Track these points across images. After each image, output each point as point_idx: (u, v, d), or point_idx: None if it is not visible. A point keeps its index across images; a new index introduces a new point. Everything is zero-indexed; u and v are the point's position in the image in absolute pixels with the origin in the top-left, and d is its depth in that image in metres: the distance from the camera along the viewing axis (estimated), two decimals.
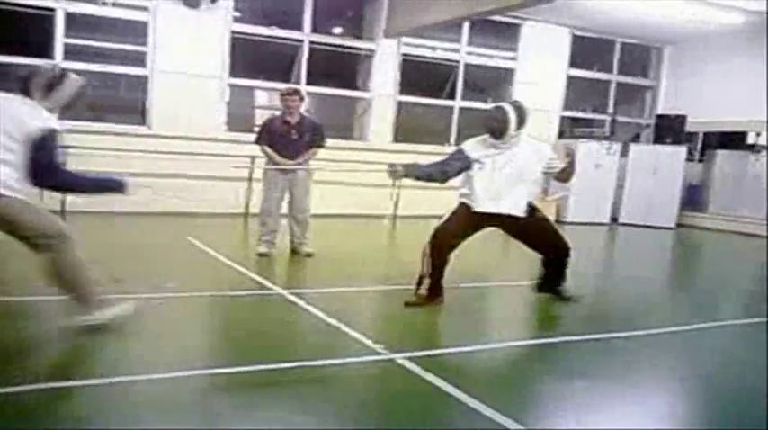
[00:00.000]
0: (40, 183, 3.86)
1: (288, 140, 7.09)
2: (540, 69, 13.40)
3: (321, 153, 7.36)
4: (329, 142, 7.50)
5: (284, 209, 7.36)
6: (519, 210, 5.22)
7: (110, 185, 4.22)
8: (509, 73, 13.41)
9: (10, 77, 10.18)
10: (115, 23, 10.48)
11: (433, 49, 12.78)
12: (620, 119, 14.42)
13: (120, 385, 3.31)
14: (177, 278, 5.89)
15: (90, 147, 9.46)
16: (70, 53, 10.03)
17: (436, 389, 3.46)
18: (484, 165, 5.21)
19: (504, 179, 5.17)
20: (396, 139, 12.05)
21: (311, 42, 11.58)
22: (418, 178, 5.47)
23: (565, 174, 5.38)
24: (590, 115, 14.59)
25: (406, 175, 5.35)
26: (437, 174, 5.36)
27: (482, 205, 5.21)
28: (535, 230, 5.40)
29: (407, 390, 3.52)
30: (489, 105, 5.44)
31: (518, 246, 5.66)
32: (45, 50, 9.89)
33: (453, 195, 5.53)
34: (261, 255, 7.10)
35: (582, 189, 12.39)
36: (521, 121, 5.14)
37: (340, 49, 12.10)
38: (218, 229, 9.28)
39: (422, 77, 12.59)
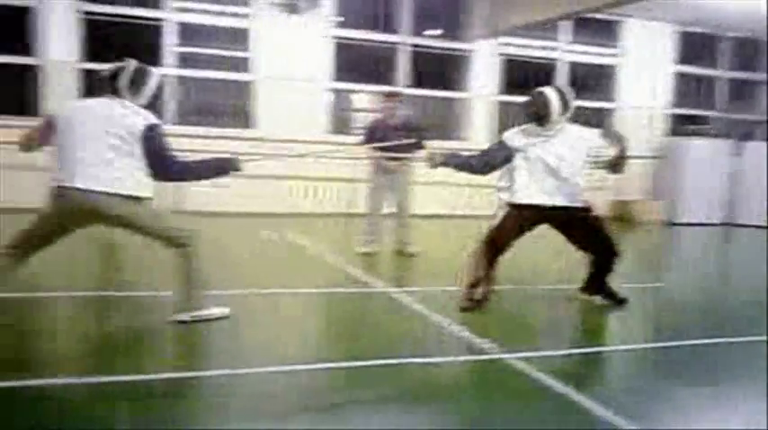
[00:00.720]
0: (159, 177, 4.00)
1: (389, 142, 7.13)
2: (644, 66, 12.98)
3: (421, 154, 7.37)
4: (429, 143, 7.50)
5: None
6: (569, 202, 4.90)
7: (224, 166, 4.28)
8: (612, 70, 13.06)
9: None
10: (221, 31, 10.86)
11: (533, 48, 12.59)
12: (731, 116, 13.78)
13: (238, 377, 3.40)
14: (285, 276, 6.05)
15: (198, 151, 9.83)
16: (179, 61, 10.47)
17: (551, 390, 3.39)
18: (528, 154, 4.88)
19: (550, 168, 4.84)
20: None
21: (410, 45, 11.65)
22: (457, 168, 5.16)
23: (617, 164, 4.95)
24: (699, 112, 13.99)
25: (445, 164, 5.05)
26: (478, 166, 5.07)
27: (527, 197, 4.89)
28: (587, 228, 5.06)
29: (520, 390, 3.45)
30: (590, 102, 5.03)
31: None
32: (155, 59, 10.35)
33: None
34: (364, 254, 7.19)
35: (693, 189, 11.92)
36: (565, 106, 4.80)
37: (438, 51, 12.10)
38: (322, 229, 9.43)
39: (522, 77, 12.41)
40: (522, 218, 4.96)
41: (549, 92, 4.83)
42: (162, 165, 3.95)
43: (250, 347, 3.97)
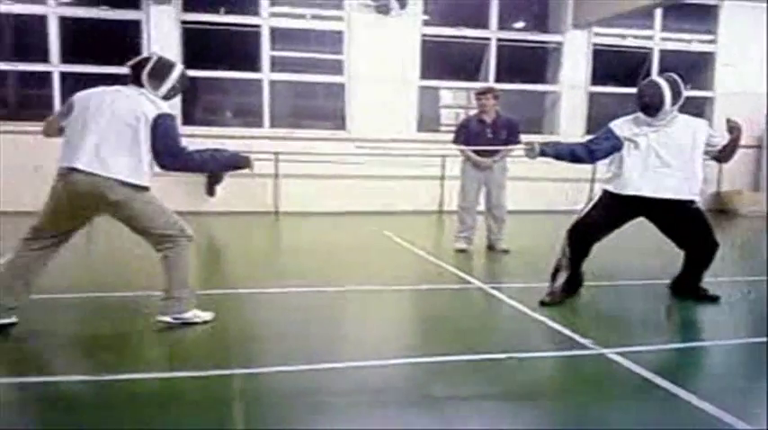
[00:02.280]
0: (165, 166, 4.01)
1: (483, 139, 7.18)
2: (743, 51, 12.48)
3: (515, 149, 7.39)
4: (522, 137, 7.52)
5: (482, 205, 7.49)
6: (681, 194, 4.74)
7: (233, 161, 4.31)
8: (709, 57, 12.63)
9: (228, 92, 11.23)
10: (314, 35, 11.17)
11: (625, 37, 12.33)
12: None
13: (336, 370, 3.57)
14: (382, 272, 6.24)
15: (294, 152, 10.22)
16: (275, 65, 10.84)
17: (655, 386, 3.38)
18: (638, 144, 4.75)
19: (662, 159, 4.71)
20: (588, 131, 11.77)
21: (498, 39, 11.63)
22: (559, 157, 5.03)
23: (726, 153, 4.85)
24: None
25: (544, 154, 4.92)
26: (583, 154, 4.94)
27: (635, 188, 4.74)
28: (689, 223, 4.88)
29: (625, 386, 3.46)
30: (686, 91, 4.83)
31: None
32: (253, 63, 10.75)
33: None
34: (459, 250, 7.27)
35: None
36: (676, 96, 4.68)
37: (527, 44, 12.03)
38: (415, 227, 9.58)
39: (614, 67, 12.19)
40: (622, 210, 4.87)
41: (660, 81, 4.75)
42: (170, 154, 3.95)
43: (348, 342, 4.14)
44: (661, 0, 9.86)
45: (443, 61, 11.71)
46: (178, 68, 4.16)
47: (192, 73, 10.26)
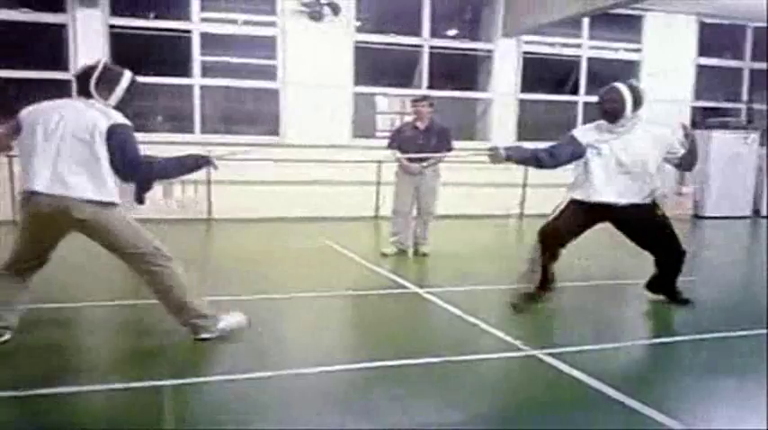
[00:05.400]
0: (127, 178, 3.90)
1: (415, 145, 7.27)
2: (666, 60, 12.92)
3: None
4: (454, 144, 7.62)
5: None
6: (640, 199, 4.85)
7: (195, 163, 4.23)
8: (635, 65, 13.03)
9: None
10: (246, 40, 11.06)
11: (554, 45, 12.62)
12: (757, 106, 13.68)
13: (276, 378, 3.55)
14: (319, 278, 6.21)
15: (226, 158, 10.06)
16: (206, 70, 10.69)
17: (584, 385, 3.47)
18: (600, 150, 4.82)
19: (623, 166, 4.79)
20: (519, 137, 11.96)
21: (431, 47, 11.74)
22: (523, 162, 5.11)
23: (687, 161, 4.94)
24: (723, 104, 13.91)
25: (509, 159, 4.95)
26: (546, 159, 4.95)
27: (600, 195, 4.82)
28: (651, 228, 5.00)
29: (555, 385, 3.55)
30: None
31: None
32: (184, 69, 10.57)
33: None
34: (384, 254, 7.37)
35: (719, 181, 11.87)
36: (637, 103, 4.76)
37: (459, 52, 12.19)
38: (351, 232, 9.58)
39: (543, 74, 12.46)
40: (589, 216, 4.94)
41: (621, 88, 4.81)
42: (128, 165, 3.81)
43: (284, 351, 4.11)
44: (587, 10, 10.08)
45: (377, 68, 11.75)
46: (127, 75, 4.03)
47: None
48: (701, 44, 13.15)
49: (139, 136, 9.70)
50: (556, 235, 4.93)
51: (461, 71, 12.56)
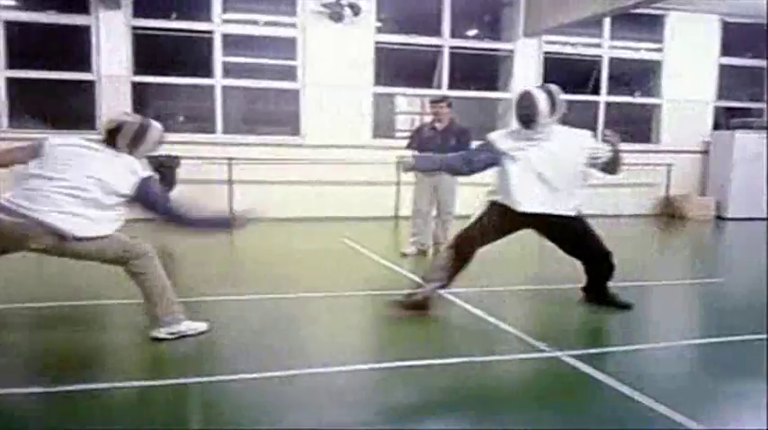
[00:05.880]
0: (163, 220, 4.16)
1: (434, 145, 7.26)
2: (688, 60, 12.82)
3: None
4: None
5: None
6: (561, 210, 4.66)
7: (220, 223, 4.50)
8: (657, 65, 12.95)
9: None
10: (267, 41, 11.12)
11: (575, 45, 12.57)
12: None
13: (299, 377, 3.56)
14: (339, 278, 6.25)
15: (248, 159, 10.16)
16: (228, 71, 10.76)
17: (609, 388, 3.44)
18: (515, 158, 4.62)
19: (540, 175, 4.58)
20: None
21: (451, 47, 11.74)
22: (434, 170, 4.99)
23: (613, 165, 4.72)
24: (747, 104, 13.76)
25: (415, 168, 4.84)
26: (460, 166, 4.86)
27: (516, 203, 4.64)
28: (574, 237, 4.87)
29: (578, 388, 3.53)
30: (634, 98, 4.80)
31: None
32: (206, 69, 10.66)
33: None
34: (404, 255, 7.39)
35: (741, 182, 11.74)
36: (553, 107, 4.54)
37: (479, 52, 12.17)
38: (371, 232, 9.60)
39: (565, 74, 12.40)
40: (508, 222, 4.79)
41: (534, 92, 4.59)
42: (162, 210, 4.10)
43: (307, 349, 4.13)
44: (608, 9, 10.02)
45: (397, 68, 11.77)
46: (158, 129, 4.16)
47: (142, 79, 10.32)
48: (724, 44, 13.02)
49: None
50: (472, 241, 4.80)
51: (482, 71, 12.54)
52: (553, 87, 4.69)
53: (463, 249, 4.78)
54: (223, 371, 3.65)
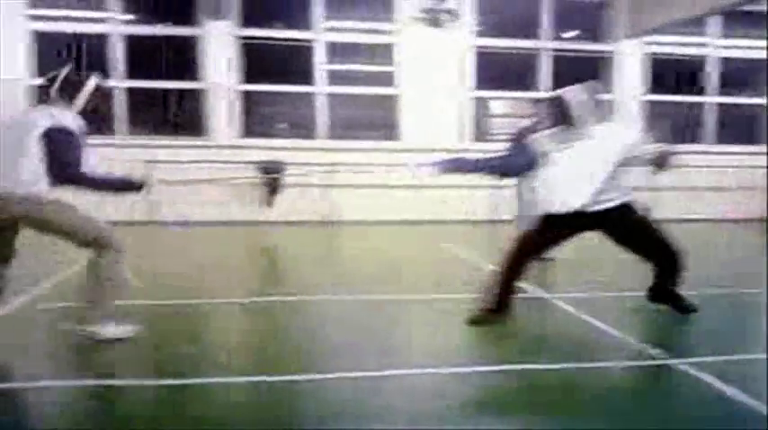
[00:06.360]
0: (55, 180, 3.88)
1: None
2: None
3: None
4: None
5: None
6: (607, 206, 4.48)
7: (126, 184, 4.21)
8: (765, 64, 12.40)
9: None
10: (367, 47, 11.36)
11: (679, 44, 12.20)
12: None
13: (394, 378, 3.59)
14: (440, 280, 6.31)
15: (348, 164, 10.37)
16: (329, 77, 11.05)
17: (733, 400, 3.30)
18: (557, 159, 4.50)
19: (585, 171, 4.44)
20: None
21: (550, 49, 11.63)
22: (464, 171, 4.66)
23: (662, 159, 4.51)
24: None
25: (448, 170, 4.57)
26: (497, 168, 4.74)
27: (565, 205, 4.48)
28: (636, 233, 4.64)
29: (697, 398, 3.42)
30: (742, 98, 4.51)
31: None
32: (307, 77, 10.97)
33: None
34: None
35: None
36: (589, 105, 4.44)
37: (579, 54, 12.00)
38: (469, 236, 9.63)
39: (669, 75, 12.08)
40: (562, 228, 4.66)
41: (568, 93, 4.51)
42: (59, 168, 3.83)
43: (402, 351, 4.23)
44: (715, 7, 9.70)
45: (495, 71, 11.75)
46: (92, 80, 4.08)
47: (248, 87, 10.69)
48: None
49: (262, 141, 10.22)
50: (530, 251, 4.65)
51: (583, 73, 12.32)
52: (590, 86, 4.59)
53: (517, 259, 4.62)
54: (323, 370, 3.73)
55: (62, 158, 3.84)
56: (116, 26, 10.55)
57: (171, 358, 3.92)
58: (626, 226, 4.65)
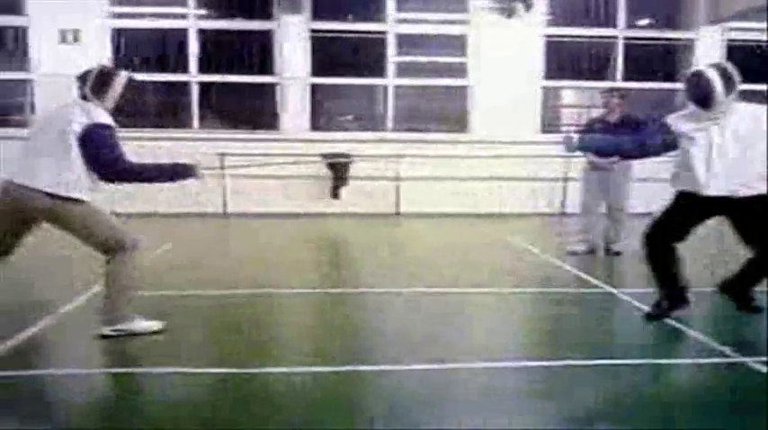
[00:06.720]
0: (104, 177, 3.97)
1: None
2: None
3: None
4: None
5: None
6: (745, 190, 4.27)
7: (177, 171, 4.23)
8: None
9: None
10: (438, 39, 11.35)
11: (763, 31, 11.67)
12: None
13: (460, 371, 3.63)
14: (506, 274, 6.32)
15: (416, 156, 10.37)
16: (399, 69, 11.07)
17: None
18: (697, 139, 4.33)
19: (726, 154, 4.27)
20: None
21: (625, 38, 11.35)
22: (601, 151, 4.73)
23: None
24: None
25: (584, 148, 4.62)
26: (633, 149, 4.66)
27: (703, 187, 4.32)
28: (759, 217, 4.35)
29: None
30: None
31: None
32: (378, 69, 11.03)
33: None
34: (573, 253, 7.21)
35: None
36: (729, 85, 4.23)
37: (656, 42, 11.66)
38: (536, 229, 9.53)
39: (753, 63, 11.57)
40: (697, 209, 4.51)
41: (708, 72, 4.30)
42: (101, 165, 3.91)
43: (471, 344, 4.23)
44: None
45: (568, 61, 11.55)
46: (123, 77, 4.10)
47: (319, 80, 10.83)
48: None
49: (328, 135, 10.32)
50: (664, 234, 4.56)
51: (660, 62, 11.99)
52: (727, 64, 4.44)
53: (657, 249, 4.57)
54: (391, 360, 3.79)
55: (107, 154, 3.91)
56: (194, 21, 10.85)
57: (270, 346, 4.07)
58: (756, 213, 4.41)
